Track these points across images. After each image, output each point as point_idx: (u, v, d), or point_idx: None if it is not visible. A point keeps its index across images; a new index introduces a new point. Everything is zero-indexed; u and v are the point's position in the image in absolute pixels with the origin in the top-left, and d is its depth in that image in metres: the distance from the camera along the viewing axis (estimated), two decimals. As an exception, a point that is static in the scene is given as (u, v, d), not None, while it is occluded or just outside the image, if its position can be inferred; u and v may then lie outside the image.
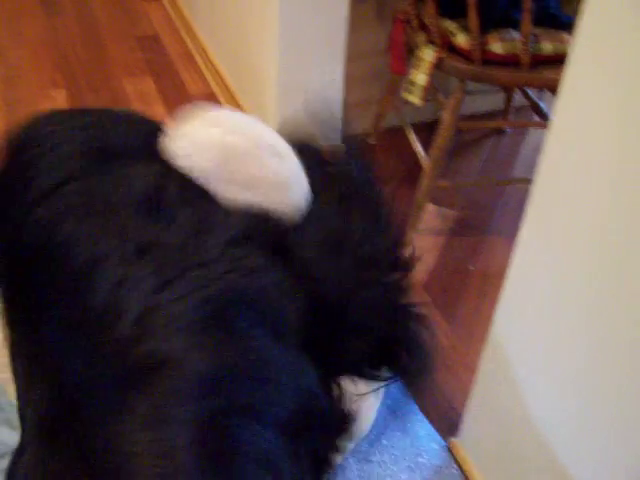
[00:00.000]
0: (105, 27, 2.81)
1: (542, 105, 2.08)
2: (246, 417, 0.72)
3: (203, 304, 0.77)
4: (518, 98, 2.30)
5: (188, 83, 2.50)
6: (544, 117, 2.05)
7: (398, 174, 2.13)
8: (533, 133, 2.36)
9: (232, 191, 1.06)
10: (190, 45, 2.70)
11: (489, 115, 2.38)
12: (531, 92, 2.14)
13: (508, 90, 2.27)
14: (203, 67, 2.57)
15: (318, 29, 1.79)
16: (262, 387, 0.76)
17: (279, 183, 1.09)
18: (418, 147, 1.95)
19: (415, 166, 2.02)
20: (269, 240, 0.98)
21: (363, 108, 2.22)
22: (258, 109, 2.10)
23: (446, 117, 1.73)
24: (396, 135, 2.21)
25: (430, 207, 1.98)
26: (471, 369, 1.55)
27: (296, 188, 1.11)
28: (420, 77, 1.70)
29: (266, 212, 1.05)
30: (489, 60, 1.62)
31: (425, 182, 1.83)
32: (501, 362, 1.09)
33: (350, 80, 2.03)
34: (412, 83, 1.73)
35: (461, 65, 1.64)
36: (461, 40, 1.63)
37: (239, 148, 1.11)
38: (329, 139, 2.00)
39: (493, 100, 2.36)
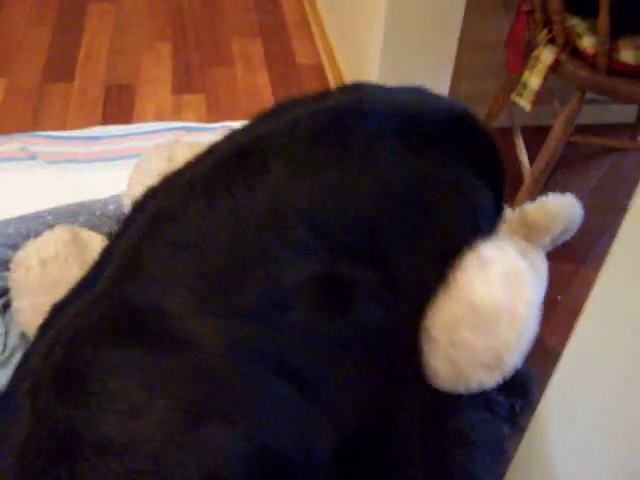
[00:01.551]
0: (226, -17, 2.74)
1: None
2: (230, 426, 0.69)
3: None
4: (653, 113, 2.04)
5: (297, 52, 2.39)
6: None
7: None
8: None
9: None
10: (308, 12, 2.58)
11: (617, 127, 2.12)
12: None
13: (642, 103, 2.02)
14: (317, 37, 2.44)
15: (430, 13, 1.62)
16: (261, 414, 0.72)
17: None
18: (523, 155, 1.76)
19: (517, 175, 1.83)
20: None
21: (474, 103, 2.02)
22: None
23: (557, 128, 1.53)
24: (504, 137, 2.00)
25: (527, 223, 1.79)
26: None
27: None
28: (533, 80, 1.50)
29: None
30: (616, 70, 1.40)
31: (523, 196, 1.64)
32: (552, 426, 0.93)
33: (463, 72, 1.86)
34: (524, 85, 1.53)
35: (582, 72, 1.43)
36: (587, 43, 1.42)
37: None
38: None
39: (624, 111, 2.10)
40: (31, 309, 1.03)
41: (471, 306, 0.80)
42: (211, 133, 1.64)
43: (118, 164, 1.71)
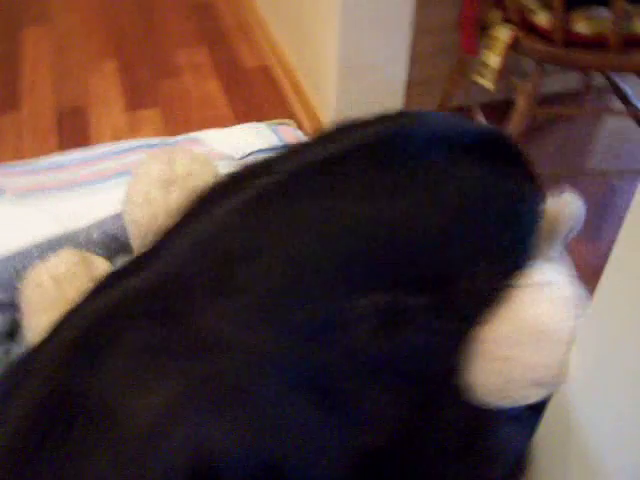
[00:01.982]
0: (159, -6, 2.71)
1: (626, 88, 1.90)
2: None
3: None
4: (596, 78, 2.12)
5: (244, 56, 2.38)
6: (627, 102, 1.87)
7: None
8: (611, 118, 2.17)
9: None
10: (248, 15, 2.57)
11: (563, 96, 2.20)
12: (614, 73, 1.96)
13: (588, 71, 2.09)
14: (261, 40, 2.45)
15: (383, 2, 1.66)
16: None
17: None
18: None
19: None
20: None
21: (428, 86, 2.07)
22: (317, 87, 1.97)
23: (521, 102, 1.58)
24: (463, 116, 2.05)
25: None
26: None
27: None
28: (493, 59, 1.54)
29: None
30: (572, 41, 1.46)
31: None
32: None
33: (415, 56, 1.89)
34: (484, 65, 1.58)
35: (541, 47, 1.48)
36: (542, 19, 1.47)
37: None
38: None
39: (568, 79, 2.18)
40: (46, 327, 1.05)
41: (533, 325, 0.82)
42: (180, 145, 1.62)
43: (90, 189, 1.69)
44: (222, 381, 0.71)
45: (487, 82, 1.58)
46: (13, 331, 1.28)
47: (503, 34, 1.50)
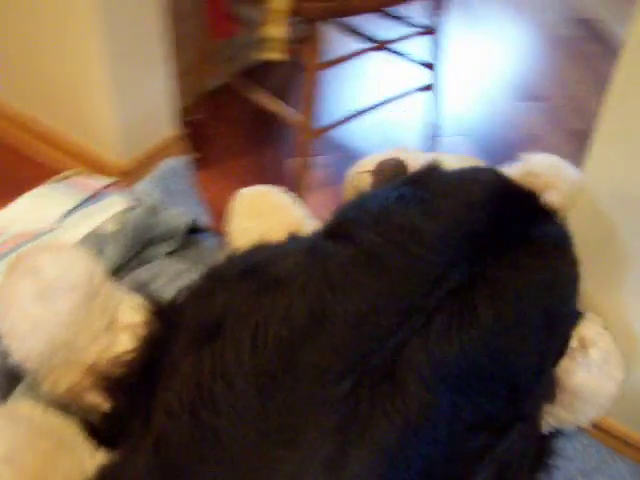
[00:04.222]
0: None
1: (365, 30, 2.04)
2: None
3: None
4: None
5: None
6: (375, 40, 2.00)
7: (252, 135, 1.99)
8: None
9: None
10: None
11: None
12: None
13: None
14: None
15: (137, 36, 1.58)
16: None
17: None
18: (264, 96, 1.85)
19: (263, 118, 1.94)
20: None
21: (184, 77, 2.00)
22: (75, 127, 1.80)
23: (310, 63, 1.64)
24: (225, 95, 2.05)
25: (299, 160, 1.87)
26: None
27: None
28: (278, 30, 1.57)
29: None
30: (346, -11, 1.55)
31: (305, 136, 1.74)
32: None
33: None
34: (270, 40, 1.59)
35: (321, 4, 1.54)
36: (311, -22, 1.53)
37: None
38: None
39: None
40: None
41: (570, 388, 0.90)
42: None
43: None
44: None
45: (278, 54, 1.61)
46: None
47: (280, 4, 1.53)
